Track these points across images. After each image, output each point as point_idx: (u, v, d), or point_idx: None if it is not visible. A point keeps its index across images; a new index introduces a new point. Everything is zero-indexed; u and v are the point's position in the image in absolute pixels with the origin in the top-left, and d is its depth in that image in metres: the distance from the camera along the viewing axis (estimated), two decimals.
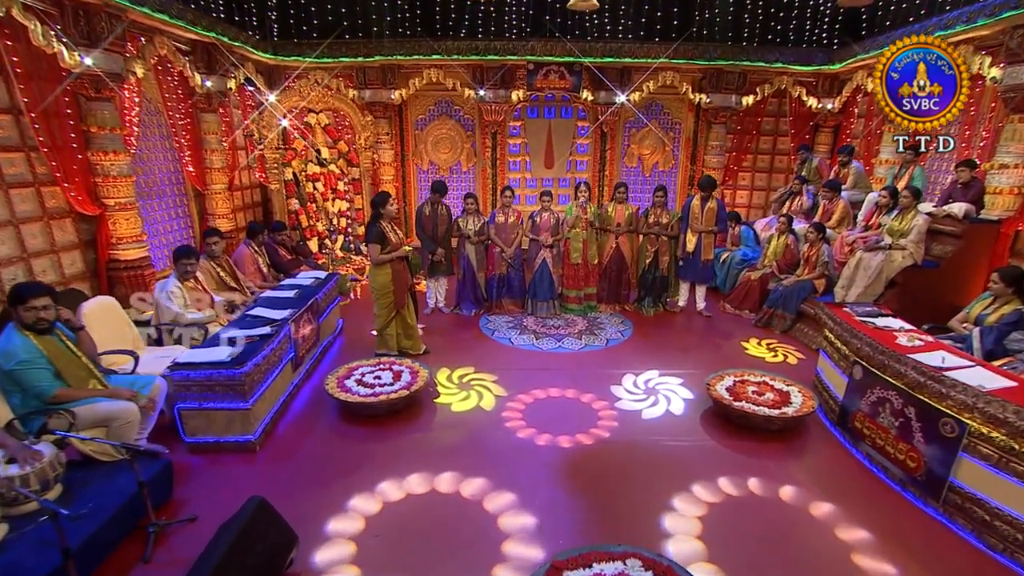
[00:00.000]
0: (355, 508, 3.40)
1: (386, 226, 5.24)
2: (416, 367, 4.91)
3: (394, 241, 5.24)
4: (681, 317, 7.02)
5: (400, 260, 5.36)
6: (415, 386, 4.56)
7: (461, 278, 6.98)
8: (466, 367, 5.44)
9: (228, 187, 7.77)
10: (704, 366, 5.46)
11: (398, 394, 4.43)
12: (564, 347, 6.00)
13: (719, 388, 4.56)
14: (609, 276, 7.05)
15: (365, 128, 8.47)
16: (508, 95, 9.11)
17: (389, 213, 5.24)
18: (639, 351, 5.92)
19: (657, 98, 9.48)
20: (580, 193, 6.76)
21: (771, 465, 3.91)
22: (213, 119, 7.36)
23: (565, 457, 3.99)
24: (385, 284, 5.28)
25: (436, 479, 3.69)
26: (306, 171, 7.93)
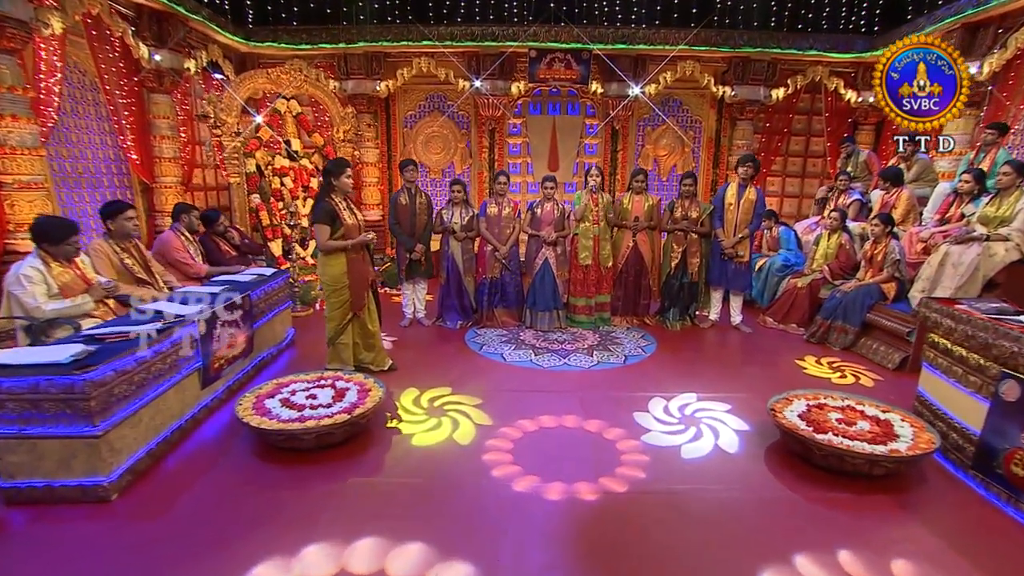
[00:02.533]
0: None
1: (339, 203, 4.00)
2: (369, 384, 3.58)
3: (349, 223, 4.00)
4: (714, 333, 5.67)
5: (358, 247, 4.10)
6: (362, 409, 3.22)
7: (445, 282, 5.70)
8: (441, 388, 4.11)
9: (183, 183, 6.62)
10: (756, 388, 4.11)
11: (334, 419, 3.09)
12: (571, 364, 4.66)
13: (789, 415, 3.19)
14: (626, 282, 5.75)
15: (345, 120, 7.37)
16: (507, 87, 8.03)
17: (344, 187, 4.01)
18: (668, 370, 4.57)
19: (675, 92, 8.37)
20: (591, 178, 5.51)
21: (880, 530, 2.51)
22: (165, 101, 6.27)
23: (570, 515, 2.62)
24: (337, 277, 4.01)
25: (349, 551, 2.33)
26: (273, 164, 6.82)
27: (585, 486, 2.83)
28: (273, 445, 3.13)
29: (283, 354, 4.84)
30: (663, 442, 3.33)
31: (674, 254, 5.60)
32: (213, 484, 2.83)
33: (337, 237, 3.96)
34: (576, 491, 2.79)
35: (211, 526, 2.50)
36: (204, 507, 2.64)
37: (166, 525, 2.50)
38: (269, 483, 2.85)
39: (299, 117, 7.20)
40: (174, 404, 3.17)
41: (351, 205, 4.15)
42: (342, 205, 4.02)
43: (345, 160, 4.07)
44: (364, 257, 4.17)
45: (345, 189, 4.03)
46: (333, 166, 3.99)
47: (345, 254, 4.01)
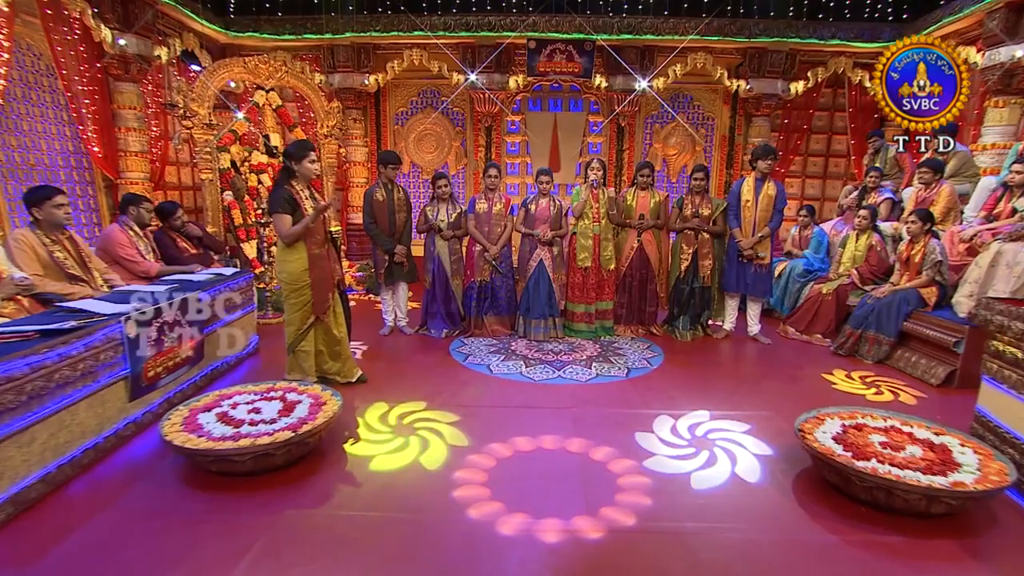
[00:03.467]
0: None
1: (300, 191, 3.59)
2: (325, 396, 3.14)
3: (310, 214, 3.58)
4: (728, 344, 5.19)
5: (321, 242, 3.69)
6: (309, 426, 2.77)
7: (430, 287, 5.27)
8: (414, 402, 3.66)
9: (153, 180, 6.27)
10: (780, 406, 3.63)
11: (274, 438, 2.64)
12: (566, 377, 4.19)
13: (821, 437, 2.71)
14: (630, 287, 5.29)
15: (330, 115, 7.02)
16: (505, 81, 7.67)
17: (307, 173, 3.61)
18: (677, 384, 4.09)
19: (686, 87, 7.98)
20: (592, 171, 5.08)
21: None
22: (131, 90, 5.95)
23: (555, 561, 2.14)
24: (296, 275, 3.59)
25: None
26: (249, 160, 6.47)
27: (576, 523, 2.36)
28: (203, 469, 2.69)
29: (244, 363, 4.42)
30: (669, 468, 2.86)
31: (684, 256, 5.14)
32: (117, 517, 2.38)
33: None
34: (565, 529, 2.32)
35: (96, 572, 2.04)
36: (92, 548, 2.18)
37: (41, 573, 2.05)
38: (185, 516, 2.40)
39: (279, 110, 6.84)
40: (88, 419, 2.74)
41: (315, 194, 3.75)
42: (304, 194, 3.61)
43: (308, 142, 3.67)
44: (329, 253, 3.75)
45: (308, 175, 3.63)
46: (295, 149, 3.59)
47: (307, 249, 3.59)
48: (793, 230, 6.13)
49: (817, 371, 4.40)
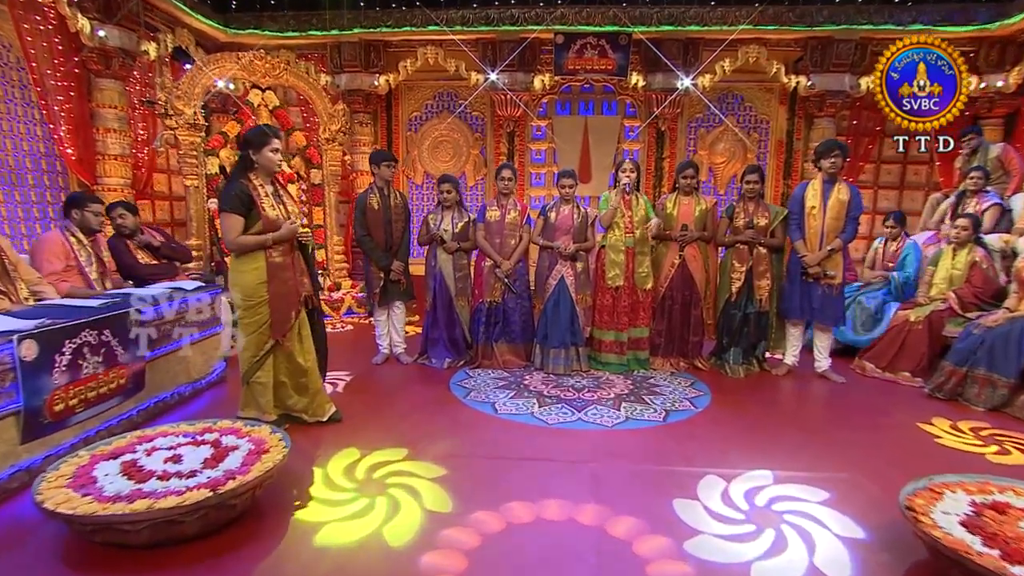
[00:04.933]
0: None
1: (260, 187, 3.10)
2: (271, 441, 2.57)
3: (271, 216, 3.08)
4: (791, 382, 4.47)
5: (286, 250, 3.18)
6: (236, 483, 2.20)
7: (431, 308, 4.73)
8: (393, 449, 3.07)
9: (134, 187, 5.95)
10: (866, 465, 2.93)
11: (184, 499, 2.07)
12: (587, 420, 3.54)
13: (944, 521, 1.99)
14: (670, 312, 4.65)
15: (334, 118, 6.66)
16: (529, 81, 7.20)
17: (268, 165, 3.13)
18: (728, 433, 3.40)
19: (736, 86, 7.37)
20: (623, 172, 4.49)
21: None
22: (113, 88, 5.66)
23: None
24: (251, 289, 3.08)
25: None
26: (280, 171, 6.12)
27: None
28: (88, 540, 2.13)
29: (204, 395, 3.92)
30: (720, 553, 2.18)
31: (736, 275, 4.48)
32: None
33: (254, 232, 3.05)
34: None
35: None
36: None
37: None
38: None
39: (277, 112, 6.51)
40: None
41: (279, 191, 3.25)
42: (263, 191, 3.11)
43: (270, 128, 3.18)
44: (294, 262, 3.23)
45: (270, 168, 3.14)
46: (254, 135, 3.12)
47: (265, 257, 3.09)
48: (877, 243, 5.35)
49: (910, 419, 3.63)
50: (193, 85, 5.62)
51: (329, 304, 6.55)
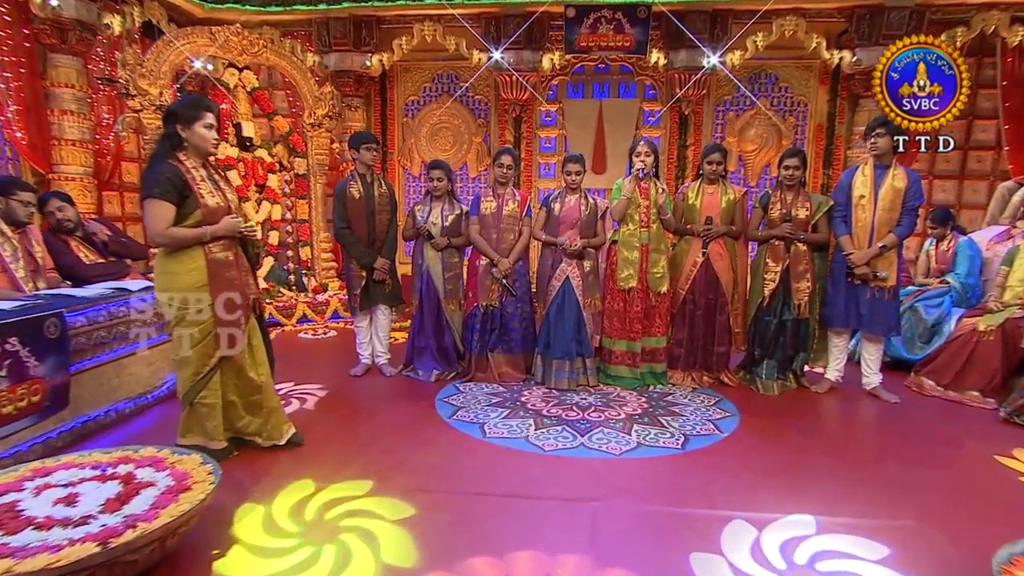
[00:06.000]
0: None
1: (193, 170, 2.76)
2: (197, 475, 2.23)
3: (211, 205, 2.75)
4: (835, 401, 4.05)
5: (228, 244, 2.85)
6: (138, 533, 1.85)
7: (417, 312, 4.41)
8: (355, 481, 2.72)
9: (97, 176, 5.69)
10: (932, 510, 2.53)
11: (61, 557, 1.73)
12: (591, 447, 3.17)
13: None
14: (691, 318, 4.26)
15: (320, 101, 6.36)
16: (537, 60, 6.84)
17: (200, 145, 2.79)
18: (760, 465, 2.99)
19: (769, 64, 6.96)
20: (639, 157, 4.11)
21: None
22: (69, 64, 5.38)
23: None
24: (188, 291, 2.75)
25: None
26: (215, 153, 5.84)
27: None
28: None
29: (150, 411, 3.61)
30: None
31: (770, 276, 4.07)
32: None
33: (189, 225, 2.72)
34: None
35: None
36: None
37: None
38: None
39: (255, 94, 6.23)
40: None
41: (215, 176, 2.92)
42: (198, 175, 2.78)
43: (203, 99, 2.86)
44: (238, 260, 2.90)
45: (203, 148, 2.80)
46: (181, 107, 2.76)
47: (204, 255, 2.76)
48: (927, 245, 4.95)
49: (984, 450, 3.19)
50: (160, 63, 5.35)
51: (313, 308, 6.26)
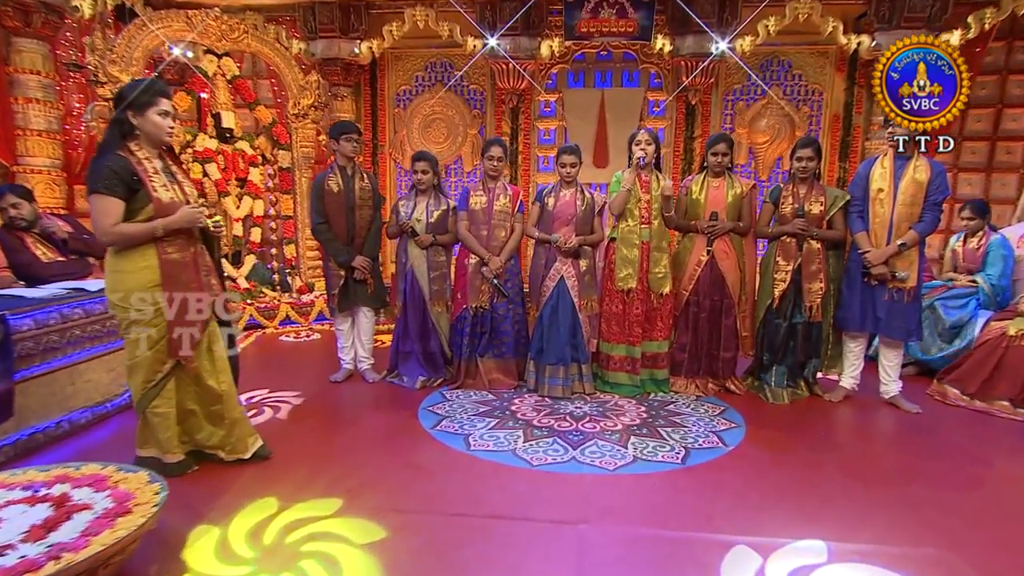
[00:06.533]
0: None
1: (145, 161, 2.62)
2: (142, 496, 2.09)
3: (164, 199, 2.61)
4: (850, 411, 3.90)
5: (185, 243, 2.71)
6: (60, 566, 1.71)
7: (401, 315, 4.28)
8: (323, 500, 2.58)
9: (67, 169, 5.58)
10: (958, 534, 2.39)
11: None
12: (583, 461, 3.02)
13: None
14: (695, 321, 4.12)
15: (305, 90, 6.24)
16: (536, 48, 6.67)
17: (154, 133, 2.65)
18: (767, 482, 2.84)
19: (782, 50, 6.79)
20: (639, 146, 3.97)
21: None
22: (35, 49, 5.27)
23: None
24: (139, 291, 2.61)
25: None
26: (193, 145, 5.71)
27: None
28: None
29: (109, 422, 3.47)
30: None
31: (780, 275, 3.92)
32: None
33: (140, 221, 2.58)
34: None
35: None
36: None
37: None
38: None
39: (236, 82, 6.10)
40: None
41: (171, 168, 2.77)
42: (150, 166, 2.63)
43: (157, 83, 2.70)
44: (196, 257, 2.76)
45: (156, 137, 2.66)
46: (132, 91, 2.61)
47: (157, 252, 2.62)
48: (954, 241, 4.78)
49: (1015, 467, 3.04)
50: (132, 47, 5.24)
51: (297, 309, 6.12)
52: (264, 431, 3.12)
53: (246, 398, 3.76)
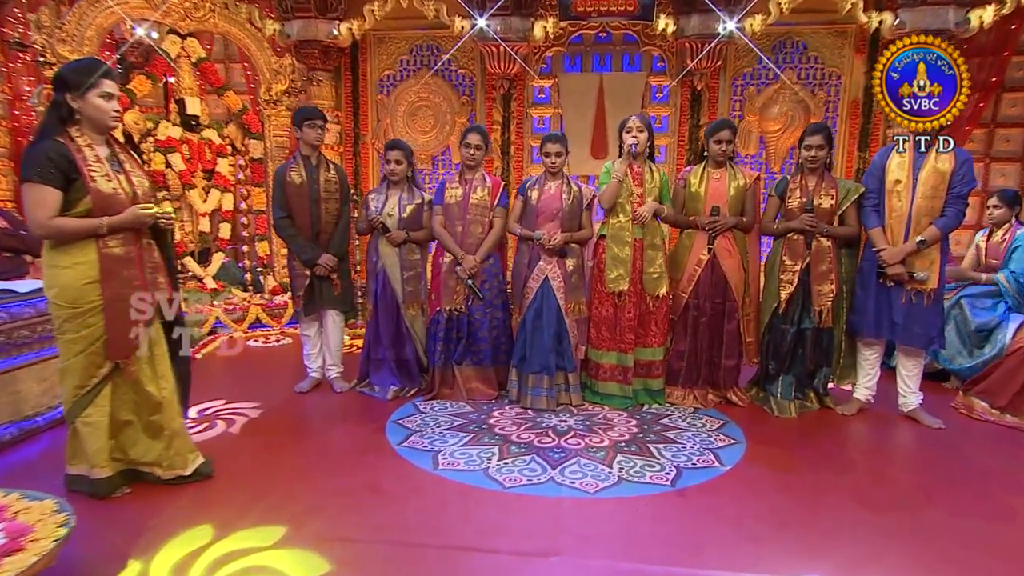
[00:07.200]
0: None
1: (86, 150, 2.51)
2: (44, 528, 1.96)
3: (105, 190, 2.51)
4: (864, 426, 3.76)
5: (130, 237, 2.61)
6: None
7: (372, 319, 4.17)
8: (264, 528, 2.44)
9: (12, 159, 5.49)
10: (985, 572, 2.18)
11: None
12: (562, 482, 2.89)
13: None
14: (694, 326, 4.00)
15: (279, 75, 6.14)
16: (528, 29, 6.57)
17: (98, 118, 2.55)
18: (766, 510, 2.69)
19: (797, 29, 6.67)
20: (630, 134, 3.86)
21: None
22: None
23: None
24: (77, 291, 2.52)
25: None
26: (155, 134, 5.62)
27: None
28: None
29: (40, 437, 3.35)
30: None
31: (786, 276, 3.80)
32: None
33: (78, 213, 2.48)
34: None
35: None
36: None
37: None
38: None
39: (202, 65, 6.00)
40: None
41: (118, 156, 2.67)
42: (91, 154, 2.52)
43: (100, 63, 2.59)
44: (143, 254, 2.66)
45: (100, 122, 2.57)
46: (71, 72, 2.53)
47: (97, 247, 2.52)
48: (979, 236, 4.64)
49: None
50: (84, 25, 5.14)
51: (269, 311, 6.01)
52: (213, 447, 3.02)
53: (198, 410, 3.65)
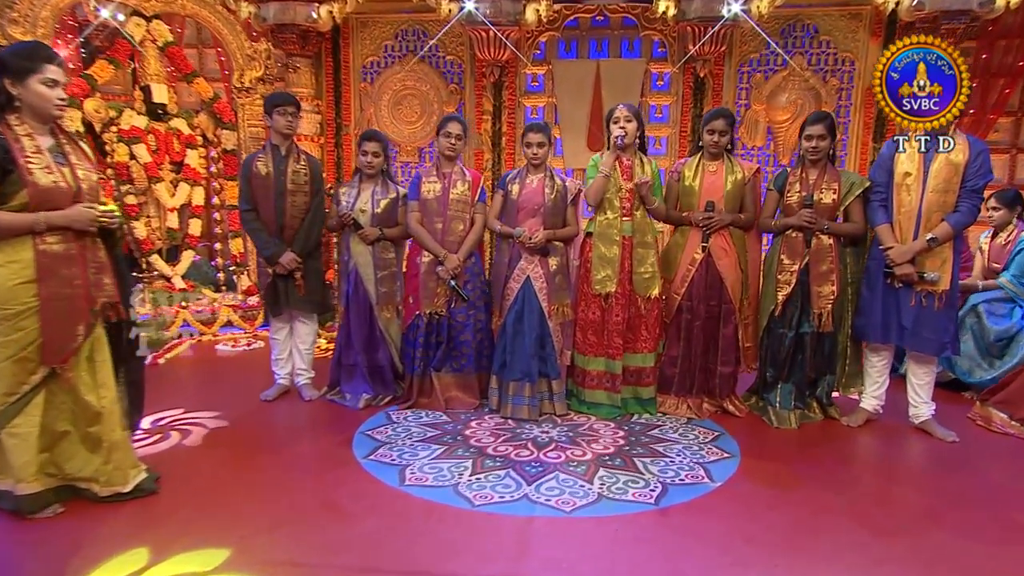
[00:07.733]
0: None
1: (25, 140, 2.47)
2: None
3: (44, 183, 2.46)
4: (871, 438, 3.69)
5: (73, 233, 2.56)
6: None
7: (344, 322, 4.13)
8: (206, 550, 2.37)
9: None
10: None
11: None
12: (536, 500, 2.81)
13: None
14: (688, 330, 3.93)
15: (253, 61, 6.08)
16: (520, 12, 6.47)
17: (40, 106, 2.50)
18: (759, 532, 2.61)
19: (807, 12, 6.58)
20: (617, 124, 3.80)
21: None
22: None
23: None
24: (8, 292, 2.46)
25: None
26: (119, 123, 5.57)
27: None
28: None
29: None
30: None
31: (784, 276, 3.74)
32: None
33: (13, 208, 2.44)
34: None
35: None
36: None
37: None
38: None
39: (169, 50, 5.94)
40: None
41: (63, 147, 2.63)
42: (30, 144, 2.47)
43: (42, 46, 2.57)
44: (85, 253, 2.61)
45: (43, 111, 2.52)
46: (12, 57, 2.48)
47: (33, 246, 2.48)
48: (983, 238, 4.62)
49: None
50: (38, 6, 5.09)
51: (241, 313, 5.95)
52: (163, 461, 2.95)
53: (152, 420, 3.59)
